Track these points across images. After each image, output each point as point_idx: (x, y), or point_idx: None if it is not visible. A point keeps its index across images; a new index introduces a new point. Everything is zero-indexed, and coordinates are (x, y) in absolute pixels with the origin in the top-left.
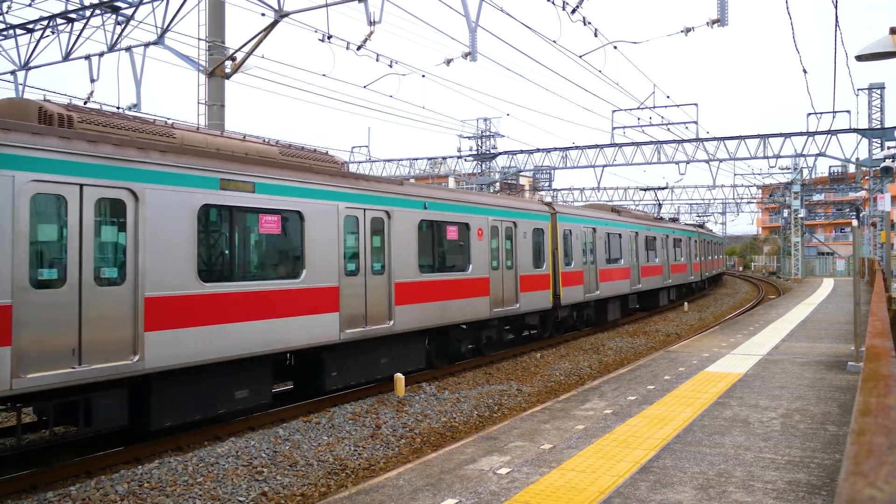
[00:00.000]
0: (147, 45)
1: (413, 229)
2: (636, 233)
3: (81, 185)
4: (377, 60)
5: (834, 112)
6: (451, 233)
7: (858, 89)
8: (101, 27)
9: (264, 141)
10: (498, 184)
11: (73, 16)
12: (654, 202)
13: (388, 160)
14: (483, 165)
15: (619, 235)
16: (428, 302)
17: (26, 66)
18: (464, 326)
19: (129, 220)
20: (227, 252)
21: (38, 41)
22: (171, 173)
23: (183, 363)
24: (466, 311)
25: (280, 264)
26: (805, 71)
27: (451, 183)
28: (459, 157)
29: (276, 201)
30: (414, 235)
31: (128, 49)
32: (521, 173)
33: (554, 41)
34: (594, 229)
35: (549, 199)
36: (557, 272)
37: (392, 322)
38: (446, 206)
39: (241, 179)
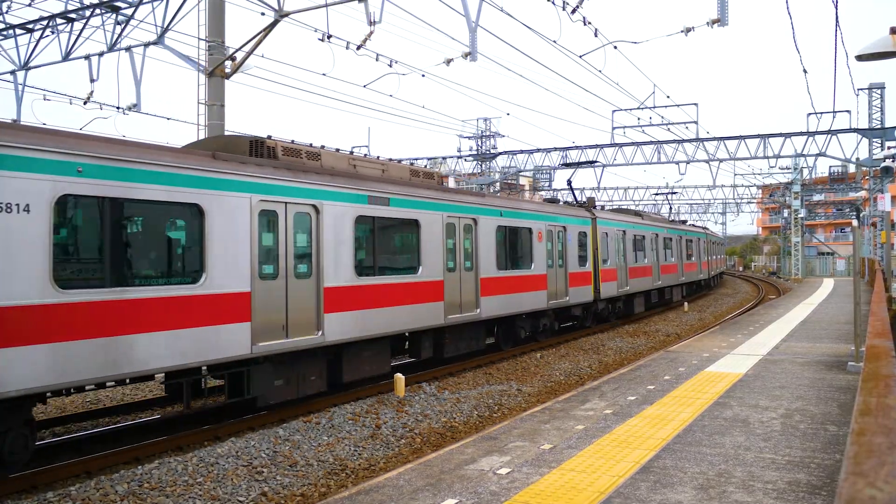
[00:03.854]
0: (147, 45)
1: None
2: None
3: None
4: (377, 60)
5: (834, 112)
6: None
7: (858, 89)
8: (101, 27)
9: (389, 160)
10: (498, 184)
11: (72, 16)
12: (653, 203)
13: (388, 160)
14: (483, 165)
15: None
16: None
17: (26, 66)
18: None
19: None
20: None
21: (38, 41)
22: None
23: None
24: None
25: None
26: (805, 71)
27: (451, 183)
28: (459, 157)
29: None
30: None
31: (128, 49)
32: (521, 173)
33: (554, 41)
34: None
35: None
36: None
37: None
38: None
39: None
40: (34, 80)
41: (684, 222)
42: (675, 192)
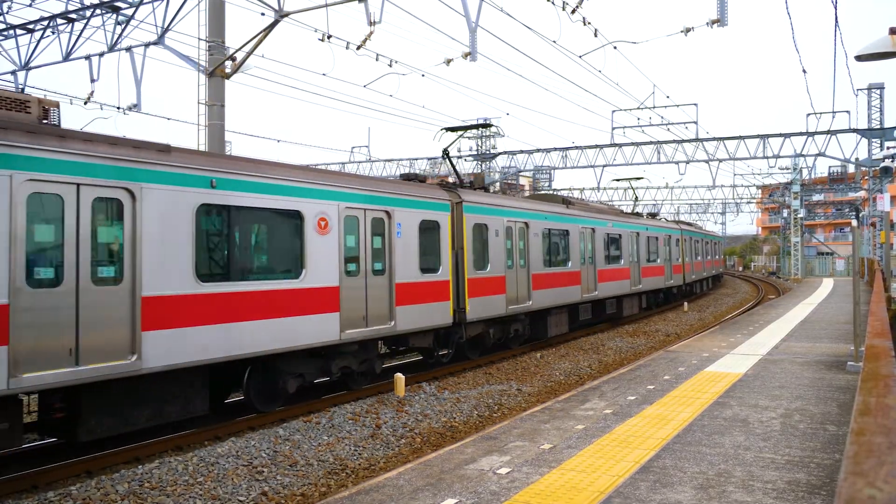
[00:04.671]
0: (147, 45)
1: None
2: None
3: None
4: (377, 60)
5: (834, 112)
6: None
7: (858, 89)
8: (102, 27)
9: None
10: (498, 184)
11: (73, 16)
12: (653, 202)
13: (388, 160)
14: (483, 165)
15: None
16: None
17: (26, 66)
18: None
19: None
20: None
21: (39, 41)
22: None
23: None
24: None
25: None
26: (805, 71)
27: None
28: (459, 157)
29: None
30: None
31: (128, 49)
32: (521, 173)
33: (554, 41)
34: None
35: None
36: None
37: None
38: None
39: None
40: (35, 81)
41: (655, 216)
42: (640, 178)
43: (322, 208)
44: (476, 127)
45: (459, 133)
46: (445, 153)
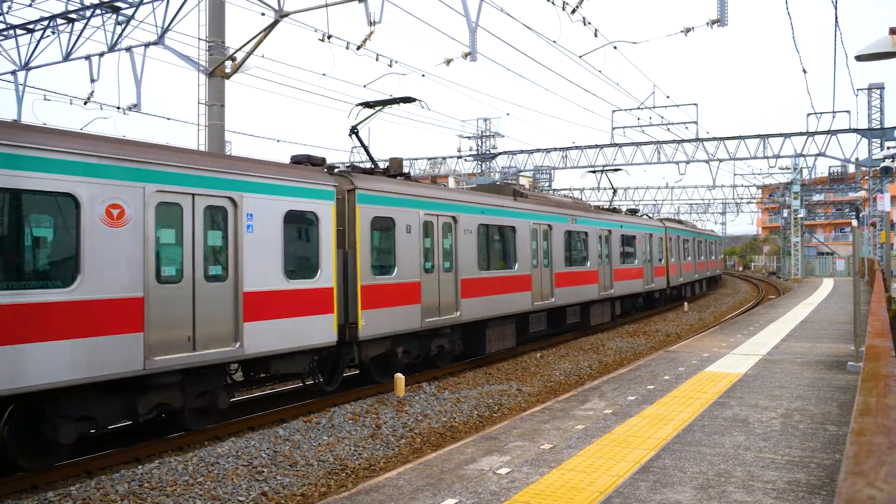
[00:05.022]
0: (147, 45)
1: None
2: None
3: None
4: (377, 60)
5: (834, 112)
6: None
7: (858, 89)
8: (102, 27)
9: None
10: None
11: (73, 16)
12: (653, 202)
13: (389, 160)
14: (483, 165)
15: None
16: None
17: (26, 67)
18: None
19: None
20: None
21: (39, 41)
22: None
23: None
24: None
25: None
26: (805, 71)
27: (451, 183)
28: (459, 157)
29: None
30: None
31: (128, 49)
32: (521, 173)
33: (554, 41)
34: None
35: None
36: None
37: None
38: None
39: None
40: (35, 81)
41: (635, 212)
42: (618, 170)
43: (113, 191)
44: (393, 102)
45: (377, 109)
46: (354, 131)
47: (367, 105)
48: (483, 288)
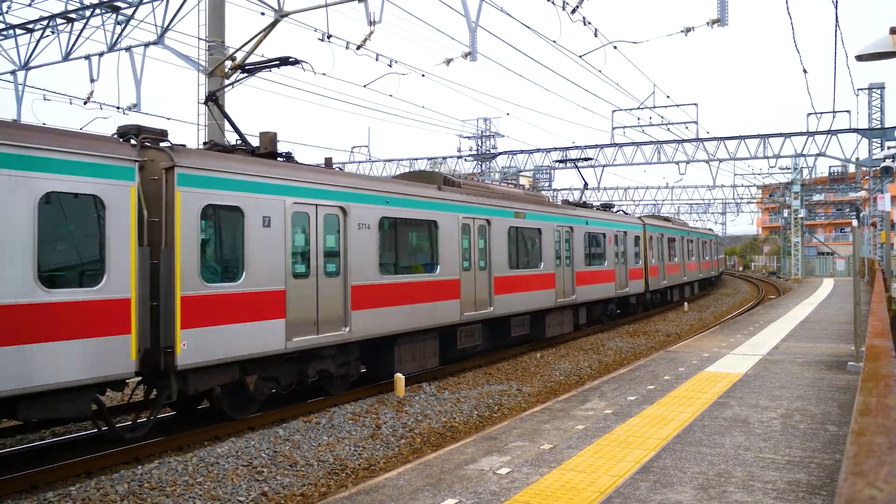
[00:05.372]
0: (147, 45)
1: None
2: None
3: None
4: (377, 60)
5: (834, 112)
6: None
7: (858, 89)
8: (101, 27)
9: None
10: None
11: (73, 16)
12: (653, 202)
13: (388, 160)
14: (483, 165)
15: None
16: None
17: (26, 66)
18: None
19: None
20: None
21: (38, 41)
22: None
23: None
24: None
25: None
26: (805, 71)
27: None
28: (459, 157)
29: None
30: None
31: (128, 49)
32: (521, 173)
33: (554, 41)
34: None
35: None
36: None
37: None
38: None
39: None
40: (34, 80)
41: (609, 207)
42: (589, 159)
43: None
44: (270, 64)
45: (244, 75)
46: (211, 99)
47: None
48: (387, 296)
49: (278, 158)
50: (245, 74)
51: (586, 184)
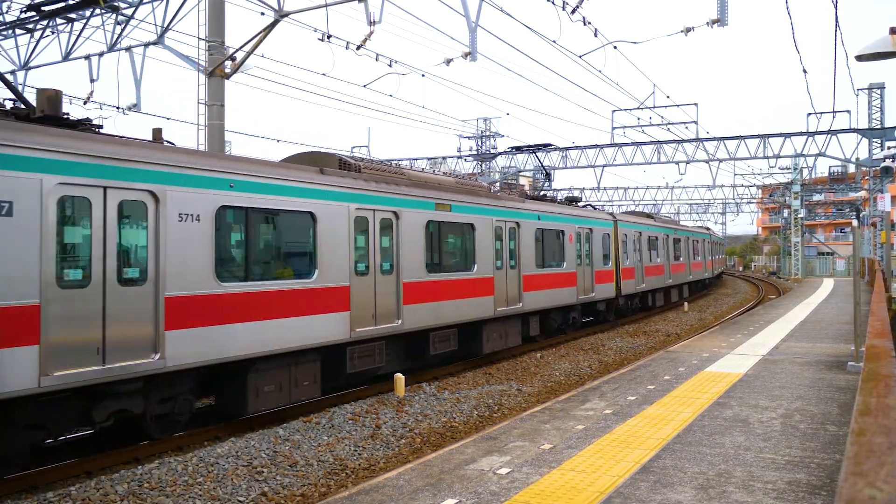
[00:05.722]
0: (147, 45)
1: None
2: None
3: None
4: (377, 60)
5: (834, 112)
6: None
7: (858, 89)
8: (101, 27)
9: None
10: (498, 183)
11: (72, 16)
12: (653, 202)
13: (388, 160)
14: (483, 165)
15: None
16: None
17: (26, 66)
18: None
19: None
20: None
21: (38, 41)
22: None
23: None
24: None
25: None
26: (805, 71)
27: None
28: (459, 157)
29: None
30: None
31: (128, 49)
32: (521, 173)
33: (554, 41)
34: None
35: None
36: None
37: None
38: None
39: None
40: (34, 80)
41: (575, 201)
42: (548, 145)
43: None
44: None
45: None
46: None
47: (517, 149)
48: (234, 309)
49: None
50: (523, 153)
51: (547, 173)
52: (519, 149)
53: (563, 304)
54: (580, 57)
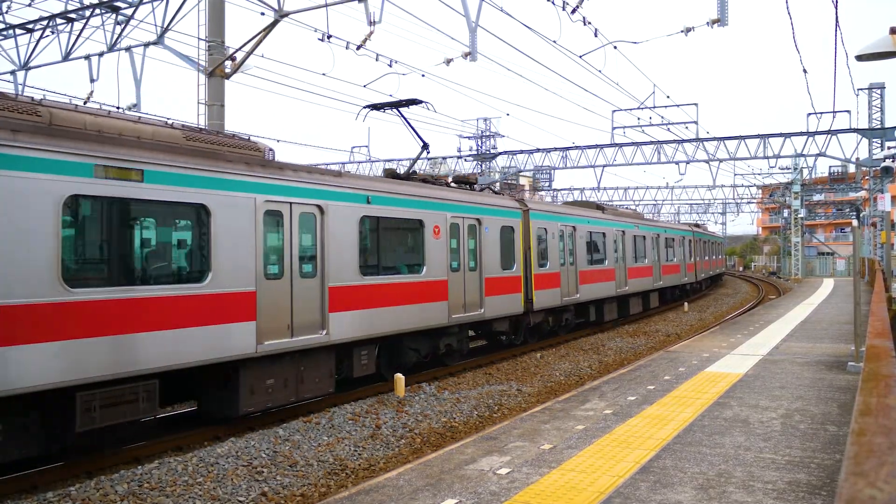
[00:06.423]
0: (147, 45)
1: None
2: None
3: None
4: (377, 60)
5: (834, 112)
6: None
7: (858, 89)
8: (101, 27)
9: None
10: (498, 184)
11: (72, 16)
12: (653, 202)
13: (388, 160)
14: (483, 165)
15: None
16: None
17: (26, 66)
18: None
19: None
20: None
21: (38, 41)
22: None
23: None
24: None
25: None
26: (805, 71)
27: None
28: (459, 157)
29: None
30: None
31: (128, 49)
32: (522, 173)
33: (554, 41)
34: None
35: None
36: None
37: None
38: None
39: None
40: (34, 80)
41: (466, 183)
42: (417, 101)
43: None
44: None
45: None
46: None
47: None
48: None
49: None
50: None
51: (425, 143)
52: (380, 107)
53: (426, 327)
54: (580, 57)
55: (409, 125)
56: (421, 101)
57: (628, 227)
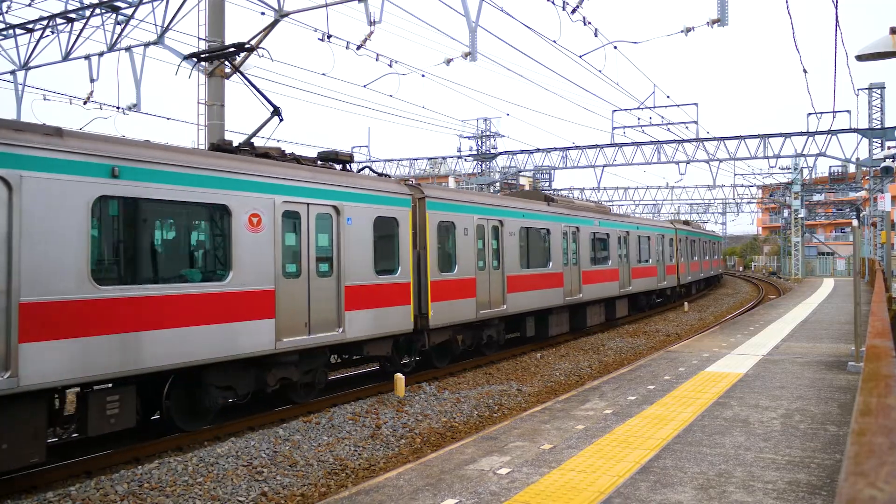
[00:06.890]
0: (147, 44)
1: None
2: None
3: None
4: (377, 60)
5: (834, 112)
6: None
7: (858, 89)
8: (101, 27)
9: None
10: (498, 184)
11: (72, 16)
12: (653, 202)
13: (389, 160)
14: (483, 165)
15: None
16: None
17: (26, 66)
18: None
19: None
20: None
21: (38, 41)
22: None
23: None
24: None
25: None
26: (805, 71)
27: (451, 183)
28: (459, 157)
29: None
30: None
31: (128, 49)
32: (521, 173)
33: (554, 41)
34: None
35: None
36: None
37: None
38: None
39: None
40: (34, 80)
41: (342, 163)
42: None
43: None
44: None
45: None
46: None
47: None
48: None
49: None
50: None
51: (276, 108)
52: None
53: (232, 357)
54: (580, 57)
55: (251, 84)
56: (252, 49)
57: (584, 223)
